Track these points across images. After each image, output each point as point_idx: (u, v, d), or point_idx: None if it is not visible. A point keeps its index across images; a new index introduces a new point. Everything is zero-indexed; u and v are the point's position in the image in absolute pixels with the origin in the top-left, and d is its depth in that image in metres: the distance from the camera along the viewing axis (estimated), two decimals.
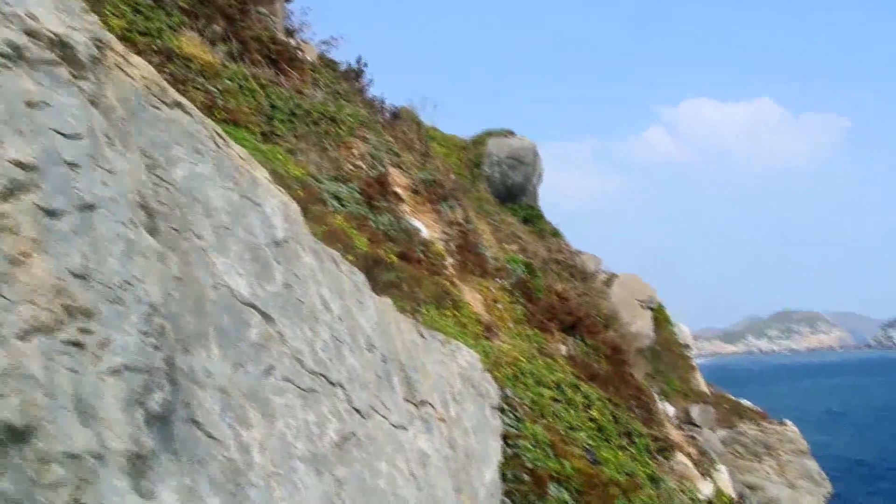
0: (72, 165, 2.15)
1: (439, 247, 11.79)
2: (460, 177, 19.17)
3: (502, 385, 8.17)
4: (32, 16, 2.63)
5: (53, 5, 2.60)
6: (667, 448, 12.04)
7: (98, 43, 3.15)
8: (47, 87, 2.41)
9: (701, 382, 21.77)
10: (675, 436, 14.27)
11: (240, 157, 4.07)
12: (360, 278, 5.15)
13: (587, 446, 8.94)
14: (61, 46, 2.76)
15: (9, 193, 1.92)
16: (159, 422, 2.22)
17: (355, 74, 15.65)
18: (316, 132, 10.94)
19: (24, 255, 1.82)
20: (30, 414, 1.64)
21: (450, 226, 13.02)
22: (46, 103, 2.34)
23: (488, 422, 7.07)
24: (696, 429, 16.67)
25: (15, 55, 2.25)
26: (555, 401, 9.29)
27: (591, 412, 9.91)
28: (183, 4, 9.64)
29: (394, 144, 13.50)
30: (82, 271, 1.94)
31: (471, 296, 11.07)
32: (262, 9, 11.94)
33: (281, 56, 11.75)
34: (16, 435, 1.70)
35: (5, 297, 1.79)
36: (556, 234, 21.60)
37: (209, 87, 8.89)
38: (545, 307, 13.57)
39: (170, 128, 3.49)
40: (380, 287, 7.18)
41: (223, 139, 3.95)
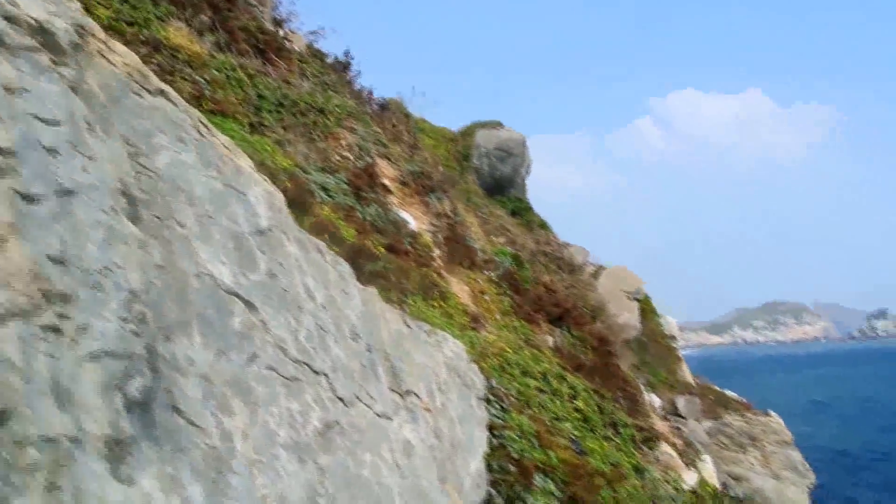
0: (51, 151, 2.14)
1: (427, 238, 11.79)
2: (449, 169, 19.15)
3: (488, 376, 8.20)
4: (13, 1, 2.61)
5: None
6: (652, 438, 12.13)
7: (79, 29, 3.13)
8: (27, 74, 2.40)
9: (687, 374, 21.93)
10: (661, 426, 14.38)
11: (224, 145, 4.05)
12: (346, 268, 5.15)
13: (573, 437, 8.99)
14: (42, 32, 2.74)
15: None
16: (140, 408, 2.23)
17: (343, 66, 15.58)
18: (303, 123, 10.91)
19: (0, 239, 1.81)
20: (6, 397, 1.64)
21: (437, 217, 13.02)
22: (26, 89, 2.33)
23: (474, 412, 7.10)
24: (681, 420, 16.80)
25: None
26: (541, 391, 9.34)
27: (576, 403, 9.97)
28: None
29: (382, 136, 13.47)
30: (61, 257, 1.93)
31: (458, 287, 11.09)
32: None
33: (268, 46, 11.69)
34: None
35: None
36: (543, 226, 21.66)
37: (196, 77, 8.84)
38: (532, 299, 13.62)
39: (152, 115, 3.47)
40: (366, 278, 7.18)
41: (207, 127, 3.93)
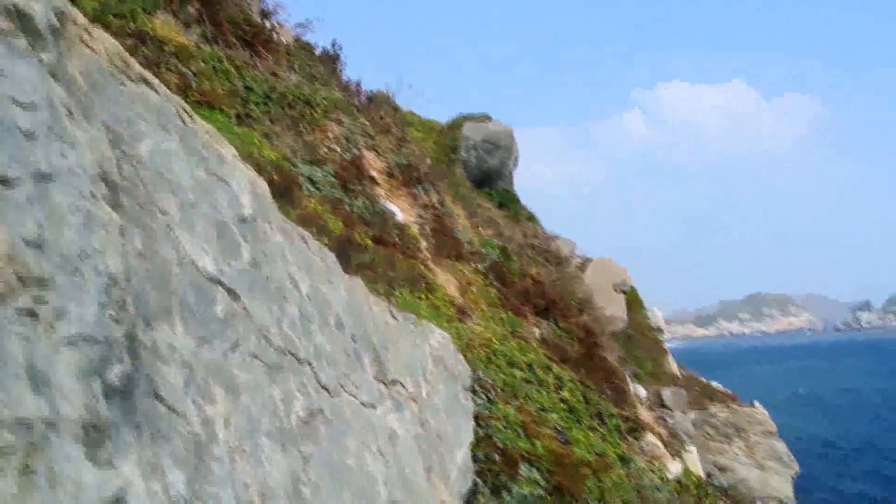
0: (28, 135, 2.12)
1: (414, 230, 11.79)
2: (437, 161, 19.11)
3: (475, 366, 8.22)
4: None
5: None
6: (637, 429, 12.22)
7: (59, 15, 3.10)
8: (3, 57, 2.37)
9: (673, 365, 22.09)
10: (646, 417, 14.48)
11: (207, 133, 4.03)
12: (331, 258, 5.14)
13: (558, 427, 9.03)
14: (19, 16, 2.70)
15: None
16: (120, 395, 2.22)
17: (331, 58, 15.50)
18: (291, 115, 10.86)
19: None
20: None
21: (425, 209, 13.02)
22: (2, 73, 2.31)
23: (460, 402, 7.12)
24: (667, 411, 16.92)
25: None
26: (527, 382, 9.37)
27: (562, 393, 10.02)
28: None
29: (369, 128, 13.44)
30: (37, 241, 1.92)
31: (445, 279, 11.10)
32: None
33: (256, 38, 11.61)
34: None
35: None
36: (531, 218, 21.69)
37: (183, 69, 8.78)
38: (519, 291, 13.65)
39: (135, 103, 3.45)
40: (353, 269, 7.17)
41: (190, 115, 3.91)
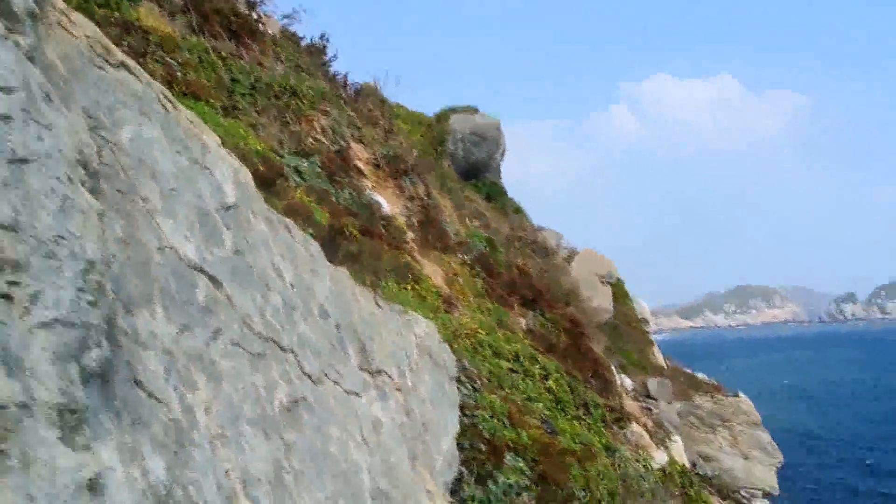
0: (3, 118, 2.10)
1: (400, 221, 11.78)
2: (424, 153, 19.09)
3: (461, 356, 8.24)
4: None
5: None
6: (623, 419, 12.30)
7: None
8: None
9: (658, 357, 22.26)
10: (632, 407, 14.58)
11: (189, 121, 4.00)
12: (315, 248, 5.12)
13: (544, 416, 9.08)
14: None
15: None
16: (99, 380, 2.20)
17: (318, 49, 15.42)
18: (277, 106, 10.80)
19: None
20: None
21: (411, 201, 13.00)
22: None
23: (446, 392, 7.13)
24: (652, 401, 17.05)
25: None
26: (513, 372, 9.41)
27: (548, 383, 10.06)
28: None
29: (356, 119, 13.40)
30: (12, 224, 1.90)
31: (431, 270, 11.11)
32: None
33: (242, 29, 11.54)
34: None
35: None
36: (518, 210, 21.75)
37: (168, 59, 8.71)
38: (506, 282, 13.69)
39: (115, 89, 3.41)
40: (339, 260, 7.16)
41: (171, 102, 3.88)
